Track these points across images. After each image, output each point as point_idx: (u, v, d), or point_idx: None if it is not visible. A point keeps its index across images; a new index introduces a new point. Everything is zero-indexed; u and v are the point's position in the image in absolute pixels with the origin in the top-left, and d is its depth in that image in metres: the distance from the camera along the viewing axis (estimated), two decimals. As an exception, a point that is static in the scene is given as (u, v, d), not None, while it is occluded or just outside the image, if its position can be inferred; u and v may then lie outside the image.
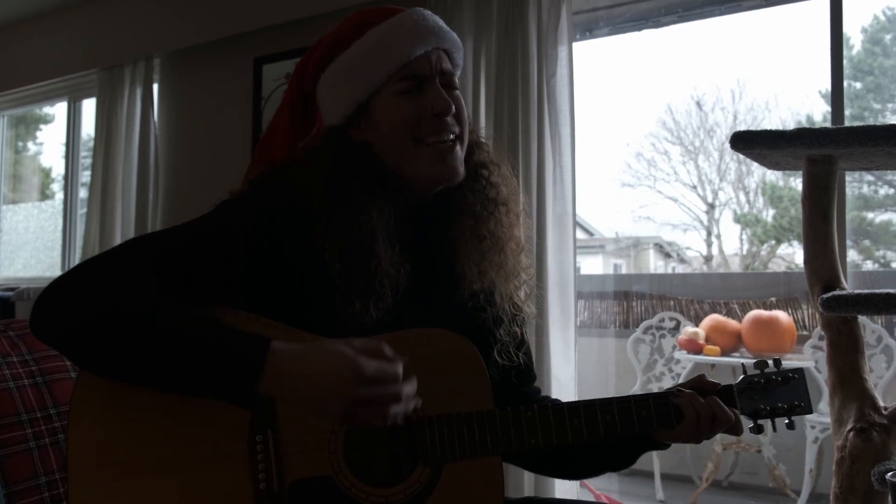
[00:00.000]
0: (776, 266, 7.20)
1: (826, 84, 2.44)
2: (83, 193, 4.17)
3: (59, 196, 4.47)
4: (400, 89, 1.08)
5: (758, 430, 1.15)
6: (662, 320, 3.83)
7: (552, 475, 1.29)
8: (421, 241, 1.12)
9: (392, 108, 1.08)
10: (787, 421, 1.15)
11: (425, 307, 1.08)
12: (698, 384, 1.13)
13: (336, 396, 0.89)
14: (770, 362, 1.17)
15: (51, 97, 4.32)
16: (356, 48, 1.10)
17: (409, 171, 1.09)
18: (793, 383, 1.15)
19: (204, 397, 0.92)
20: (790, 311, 3.95)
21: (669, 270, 8.23)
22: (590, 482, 3.06)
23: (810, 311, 3.97)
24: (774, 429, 1.15)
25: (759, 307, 3.94)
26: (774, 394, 1.15)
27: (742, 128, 1.83)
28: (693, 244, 8.18)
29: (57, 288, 0.95)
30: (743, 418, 1.13)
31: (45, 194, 4.92)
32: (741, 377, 1.16)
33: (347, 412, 0.90)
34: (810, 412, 1.17)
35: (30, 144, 5.03)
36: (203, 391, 0.92)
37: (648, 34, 2.81)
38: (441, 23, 1.13)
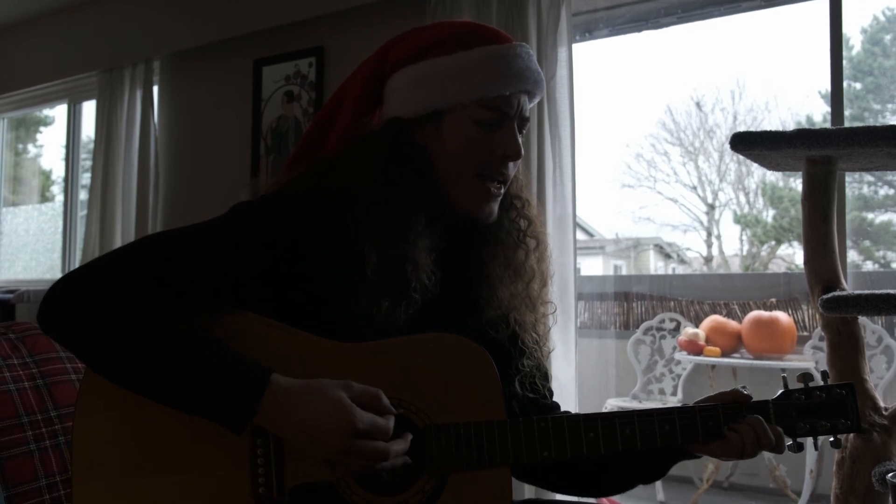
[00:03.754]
0: (776, 267, 7.20)
1: (826, 85, 2.44)
2: (83, 195, 4.17)
3: (60, 198, 4.47)
4: (481, 117, 1.07)
5: (797, 448, 1.07)
6: (663, 321, 3.83)
7: (573, 493, 1.25)
8: (452, 257, 1.12)
9: (467, 131, 1.08)
10: (832, 439, 1.08)
11: (446, 320, 1.06)
12: (733, 398, 1.07)
13: (325, 443, 0.91)
14: (817, 375, 1.10)
15: (51, 99, 4.32)
16: (459, 58, 1.07)
17: (455, 194, 1.09)
18: (838, 399, 1.07)
19: (195, 416, 0.93)
20: (790, 311, 3.95)
21: (669, 271, 8.24)
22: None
23: (810, 311, 3.96)
24: (816, 447, 1.08)
25: (759, 308, 3.93)
26: (817, 410, 1.07)
27: (742, 128, 1.84)
28: (693, 245, 8.19)
29: (67, 283, 0.96)
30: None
31: (45, 196, 4.92)
32: (780, 391, 1.09)
33: (333, 460, 0.92)
34: (859, 430, 1.09)
35: (30, 147, 5.03)
36: (197, 412, 0.93)
37: (648, 35, 2.82)
38: (539, 67, 1.13)
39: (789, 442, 1.08)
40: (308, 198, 1.06)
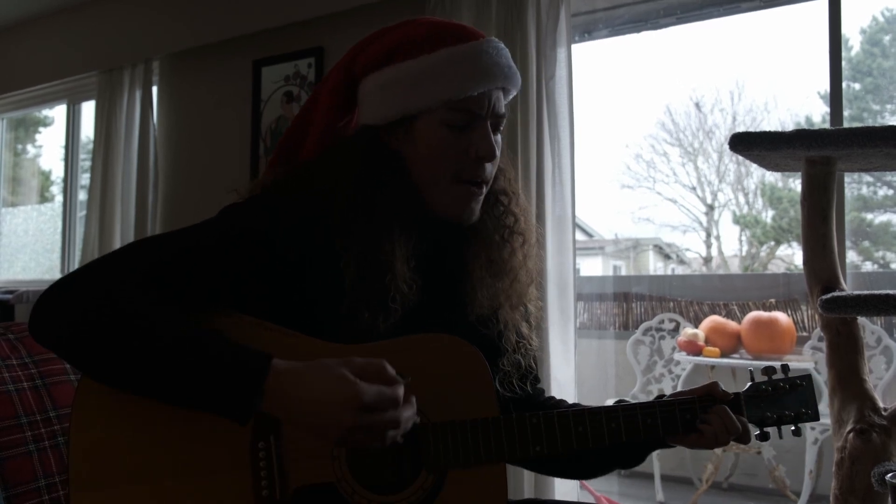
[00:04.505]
0: (775, 267, 7.20)
1: (825, 85, 2.43)
2: (82, 196, 4.17)
3: (59, 199, 4.47)
4: (450, 119, 1.06)
5: (763, 437, 1.14)
6: (662, 322, 3.83)
7: (557, 476, 1.33)
8: (435, 258, 1.11)
9: (438, 135, 1.06)
10: (793, 428, 1.15)
11: (432, 323, 1.06)
12: (708, 391, 1.12)
13: (334, 422, 0.88)
14: (778, 368, 1.16)
15: (50, 100, 4.32)
16: (422, 62, 1.06)
17: (433, 198, 1.08)
18: (800, 390, 1.15)
19: (200, 411, 0.91)
20: (790, 312, 3.95)
21: (669, 272, 8.23)
22: (590, 484, 3.06)
23: (810, 312, 3.96)
24: (780, 436, 1.14)
25: (758, 308, 3.93)
26: (781, 401, 1.14)
27: (741, 129, 1.84)
28: (692, 245, 8.19)
29: (57, 290, 0.95)
30: (750, 426, 1.13)
31: (44, 197, 4.92)
32: (748, 384, 1.15)
33: (344, 437, 0.90)
34: (817, 419, 1.15)
35: (29, 147, 5.03)
36: (199, 405, 0.91)
37: (647, 36, 2.82)
38: (510, 60, 1.10)
39: (757, 432, 1.15)
40: (297, 199, 1.06)
